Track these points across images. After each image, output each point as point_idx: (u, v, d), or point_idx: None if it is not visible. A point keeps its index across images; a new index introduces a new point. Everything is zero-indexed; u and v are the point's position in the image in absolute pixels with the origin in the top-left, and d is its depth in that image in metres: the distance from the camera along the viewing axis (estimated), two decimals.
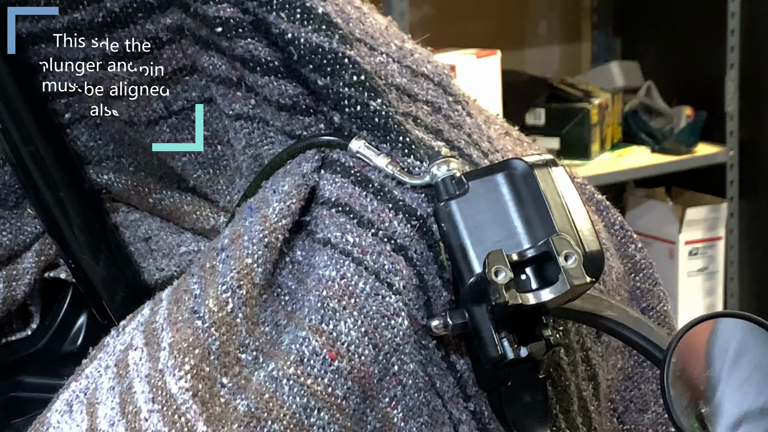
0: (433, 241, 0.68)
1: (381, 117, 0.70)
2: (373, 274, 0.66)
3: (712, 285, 2.71)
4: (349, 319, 0.64)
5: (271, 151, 0.76)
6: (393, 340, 0.65)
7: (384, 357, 0.65)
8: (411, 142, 0.70)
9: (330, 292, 0.65)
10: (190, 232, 0.88)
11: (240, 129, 0.77)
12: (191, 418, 0.62)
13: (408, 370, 0.66)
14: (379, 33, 0.77)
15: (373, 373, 0.64)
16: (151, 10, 0.78)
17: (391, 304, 0.65)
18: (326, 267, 0.66)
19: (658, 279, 0.80)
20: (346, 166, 0.71)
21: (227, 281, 0.66)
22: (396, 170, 0.69)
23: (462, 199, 0.65)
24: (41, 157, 0.85)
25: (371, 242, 0.67)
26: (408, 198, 0.69)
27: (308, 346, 0.64)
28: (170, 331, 0.65)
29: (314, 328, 0.64)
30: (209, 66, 0.76)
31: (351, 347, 0.64)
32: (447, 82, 0.77)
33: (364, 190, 0.69)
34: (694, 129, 2.63)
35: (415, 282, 0.67)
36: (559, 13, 3.04)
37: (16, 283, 0.89)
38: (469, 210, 0.65)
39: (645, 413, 0.83)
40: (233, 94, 0.76)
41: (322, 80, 0.71)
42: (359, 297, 0.65)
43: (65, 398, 0.68)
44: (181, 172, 0.85)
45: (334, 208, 0.69)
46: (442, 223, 0.65)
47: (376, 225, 0.67)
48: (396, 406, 0.65)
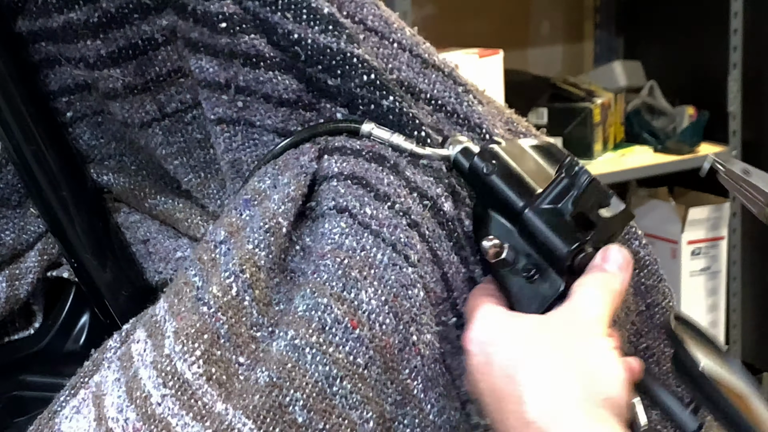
0: (444, 219, 0.69)
1: (395, 114, 0.72)
2: (390, 245, 0.67)
3: (714, 284, 2.71)
4: (370, 288, 0.65)
5: (254, 153, 0.76)
6: (411, 310, 0.66)
7: (404, 326, 0.65)
8: (427, 135, 0.72)
9: (351, 261, 0.66)
10: (187, 238, 0.88)
11: (221, 133, 0.77)
12: (208, 401, 0.62)
13: (426, 341, 0.66)
14: (393, 18, 0.77)
15: (393, 343, 0.65)
16: (147, 12, 0.78)
17: (408, 275, 0.66)
18: (344, 235, 0.67)
19: (663, 275, 0.80)
20: (354, 149, 0.72)
21: (229, 268, 0.66)
22: (413, 145, 0.71)
23: (501, 146, 0.70)
24: (44, 157, 0.85)
25: (388, 215, 0.68)
26: (419, 180, 0.70)
27: (330, 314, 0.64)
28: (174, 320, 0.65)
29: (336, 295, 0.64)
30: (196, 69, 0.76)
31: (372, 315, 0.64)
32: (456, 73, 0.78)
33: (381, 165, 0.70)
34: (697, 128, 2.63)
35: (429, 256, 0.68)
36: (562, 13, 3.04)
37: (19, 282, 0.89)
38: (510, 154, 0.69)
39: (652, 410, 0.83)
40: (218, 98, 0.76)
41: (332, 80, 0.71)
42: (378, 267, 0.66)
43: (74, 405, 0.68)
44: (174, 175, 0.85)
45: (350, 180, 0.70)
46: (485, 164, 0.69)
47: (393, 199, 0.68)
48: (416, 378, 0.66)
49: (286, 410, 0.62)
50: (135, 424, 0.62)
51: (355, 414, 0.63)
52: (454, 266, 0.69)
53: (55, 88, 0.86)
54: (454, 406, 0.68)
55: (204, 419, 0.61)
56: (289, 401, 0.62)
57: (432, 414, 0.66)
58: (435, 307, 0.68)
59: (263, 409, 0.61)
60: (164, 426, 0.62)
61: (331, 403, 0.62)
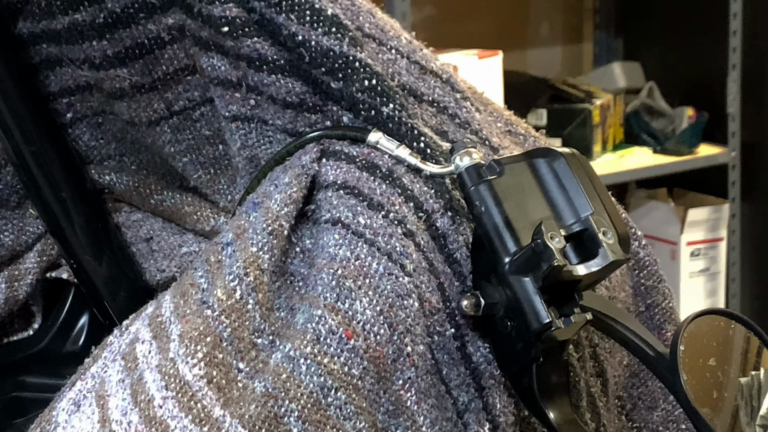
0: (437, 234, 0.68)
1: (394, 123, 0.71)
2: (385, 254, 0.66)
3: (713, 286, 2.71)
4: (365, 298, 0.64)
5: (269, 150, 0.76)
6: (406, 321, 0.65)
7: (398, 337, 0.65)
8: (426, 146, 0.71)
9: (345, 271, 0.65)
10: (192, 233, 0.88)
11: (236, 130, 0.77)
12: (207, 404, 0.62)
13: (419, 352, 0.66)
14: (389, 26, 0.77)
15: (387, 353, 0.64)
16: (152, 11, 0.78)
17: (404, 284, 0.66)
18: (338, 246, 0.67)
19: (663, 276, 0.80)
20: (350, 154, 0.71)
21: (234, 270, 0.66)
22: (417, 160, 0.70)
23: (499, 179, 0.66)
24: (43, 157, 0.85)
25: (382, 224, 0.67)
26: (416, 190, 0.69)
27: (324, 325, 0.63)
28: (179, 323, 0.65)
29: (330, 306, 0.64)
30: (208, 67, 0.76)
31: (367, 326, 0.64)
32: (454, 80, 0.77)
33: (372, 175, 0.69)
34: (696, 130, 2.63)
35: (425, 266, 0.67)
36: (561, 14, 3.05)
37: (18, 283, 0.89)
38: (509, 189, 0.66)
39: (654, 411, 0.83)
40: (231, 95, 0.75)
41: (335, 83, 0.71)
42: (373, 277, 0.65)
43: (71, 397, 0.68)
44: (182, 172, 0.85)
45: (342, 190, 0.69)
46: (477, 202, 0.66)
47: (386, 208, 0.68)
48: (410, 389, 0.65)
49: (281, 421, 0.61)
50: (137, 427, 0.62)
51: (349, 424, 0.63)
52: (448, 277, 0.68)
53: (56, 89, 0.85)
54: (447, 417, 0.68)
55: (202, 423, 0.61)
56: (285, 412, 0.62)
57: (425, 425, 0.66)
58: (430, 317, 0.67)
59: (258, 419, 0.61)
60: (163, 428, 0.62)
61: (325, 414, 0.62)
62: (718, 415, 0.65)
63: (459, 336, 0.68)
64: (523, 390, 0.68)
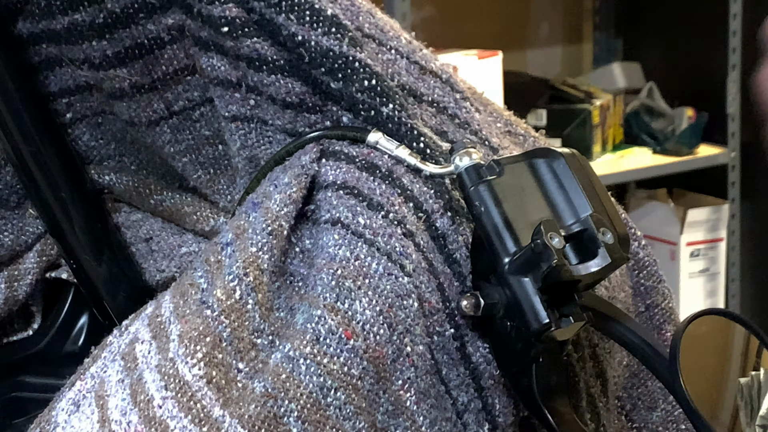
0: (436, 234, 0.69)
1: (393, 123, 0.71)
2: (385, 255, 0.66)
3: (713, 286, 2.71)
4: (364, 298, 0.64)
5: (268, 150, 0.76)
6: (406, 321, 0.65)
7: (398, 337, 0.65)
8: (426, 146, 0.71)
9: (345, 271, 0.65)
10: (192, 233, 0.88)
11: (236, 130, 0.77)
12: (207, 404, 0.62)
13: (419, 352, 0.66)
14: (389, 26, 0.77)
15: (387, 353, 0.64)
16: (152, 11, 0.78)
17: (404, 284, 0.66)
18: (338, 246, 0.67)
19: (662, 276, 0.80)
20: (349, 155, 0.71)
21: (233, 271, 0.66)
22: (417, 160, 0.70)
23: (499, 180, 0.66)
24: (43, 158, 0.85)
25: (382, 224, 0.67)
26: (416, 190, 0.69)
27: (324, 325, 0.63)
28: (179, 323, 0.65)
29: (330, 306, 0.64)
30: (208, 67, 0.76)
31: (366, 326, 0.64)
32: (454, 80, 0.77)
33: (372, 175, 0.69)
34: (696, 130, 2.63)
35: (425, 266, 0.67)
36: (561, 14, 3.05)
37: (17, 284, 0.89)
38: (508, 189, 0.66)
39: (653, 411, 0.83)
40: (231, 96, 0.76)
41: (335, 83, 0.71)
42: (373, 277, 0.65)
43: (71, 397, 0.68)
44: (182, 172, 0.85)
45: (342, 190, 0.69)
46: (476, 202, 0.66)
47: (386, 208, 0.68)
48: (409, 389, 0.65)
49: (281, 421, 0.61)
50: (137, 427, 0.62)
51: (349, 425, 0.63)
52: (448, 278, 0.68)
53: (55, 89, 0.85)
54: (446, 417, 0.68)
55: (201, 423, 0.61)
56: (284, 412, 0.62)
57: (424, 426, 0.66)
58: (430, 317, 0.67)
59: (258, 419, 0.61)
60: (163, 428, 0.62)
61: (325, 414, 0.62)
62: (718, 415, 0.65)
63: (458, 336, 0.68)
64: (522, 390, 0.68)
